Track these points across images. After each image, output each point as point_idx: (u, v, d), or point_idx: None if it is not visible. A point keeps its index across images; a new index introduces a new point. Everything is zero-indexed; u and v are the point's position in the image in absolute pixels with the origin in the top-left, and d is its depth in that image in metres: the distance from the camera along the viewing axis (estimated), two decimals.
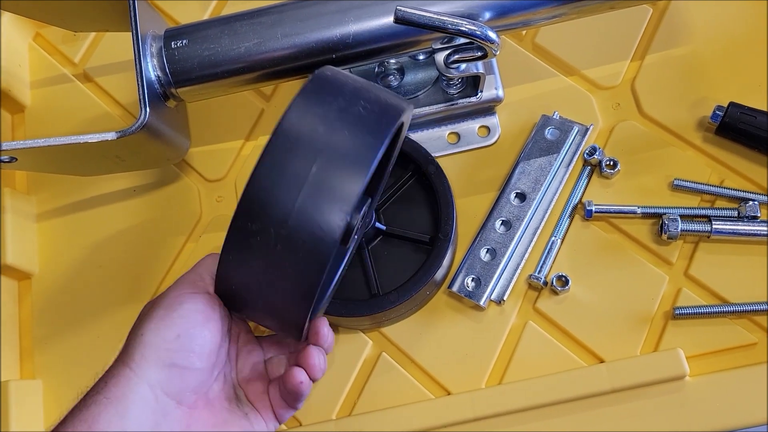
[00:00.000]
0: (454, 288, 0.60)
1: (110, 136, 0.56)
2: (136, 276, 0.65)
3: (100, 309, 0.65)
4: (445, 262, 0.58)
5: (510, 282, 0.60)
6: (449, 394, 0.58)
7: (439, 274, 0.58)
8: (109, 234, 0.67)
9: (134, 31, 0.57)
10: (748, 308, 0.57)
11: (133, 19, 0.57)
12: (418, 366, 0.60)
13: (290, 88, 0.66)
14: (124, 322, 0.63)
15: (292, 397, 0.44)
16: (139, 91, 0.57)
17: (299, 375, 0.43)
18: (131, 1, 0.58)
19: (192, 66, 0.58)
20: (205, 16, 0.74)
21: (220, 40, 0.58)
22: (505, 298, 0.60)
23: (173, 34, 0.59)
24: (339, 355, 0.61)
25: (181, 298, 0.40)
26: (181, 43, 0.58)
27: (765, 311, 0.57)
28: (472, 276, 0.60)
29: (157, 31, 0.60)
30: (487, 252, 0.61)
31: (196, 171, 0.69)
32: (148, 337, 0.38)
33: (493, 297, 0.60)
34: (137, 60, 0.57)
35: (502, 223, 0.62)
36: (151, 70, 0.58)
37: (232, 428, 0.41)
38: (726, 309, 0.57)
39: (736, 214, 0.60)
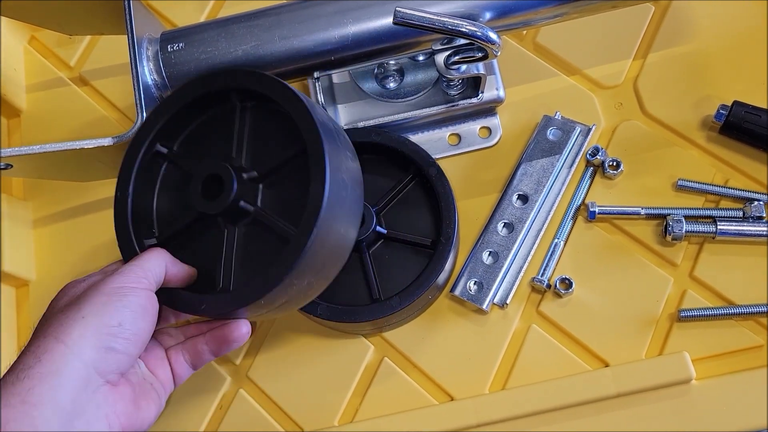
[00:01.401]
0: (457, 292, 0.59)
1: (107, 141, 0.55)
2: None
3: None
4: (447, 265, 0.57)
5: (513, 285, 0.59)
6: (452, 399, 0.57)
7: (441, 278, 0.58)
8: (107, 239, 0.67)
9: (130, 35, 0.56)
10: (754, 310, 0.56)
11: (128, 22, 0.56)
12: (421, 371, 0.59)
13: None
14: None
15: (224, 346, 0.48)
16: (135, 96, 0.56)
17: (244, 326, 0.48)
18: (126, 4, 0.57)
19: (189, 69, 0.57)
20: (202, 18, 0.73)
21: (217, 43, 0.57)
22: (508, 302, 0.59)
23: (169, 37, 0.58)
24: (341, 360, 0.60)
25: (126, 290, 0.43)
26: (178, 46, 0.57)
27: None
28: (475, 279, 0.59)
29: (153, 34, 0.59)
30: (489, 255, 0.60)
31: None
32: (90, 320, 0.40)
33: (496, 300, 0.59)
34: (133, 64, 0.56)
35: (504, 226, 0.61)
36: (148, 73, 0.57)
37: (145, 400, 0.45)
38: (732, 311, 0.57)
39: (741, 214, 0.59)
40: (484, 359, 0.58)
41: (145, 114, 0.55)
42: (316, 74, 0.59)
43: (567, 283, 0.59)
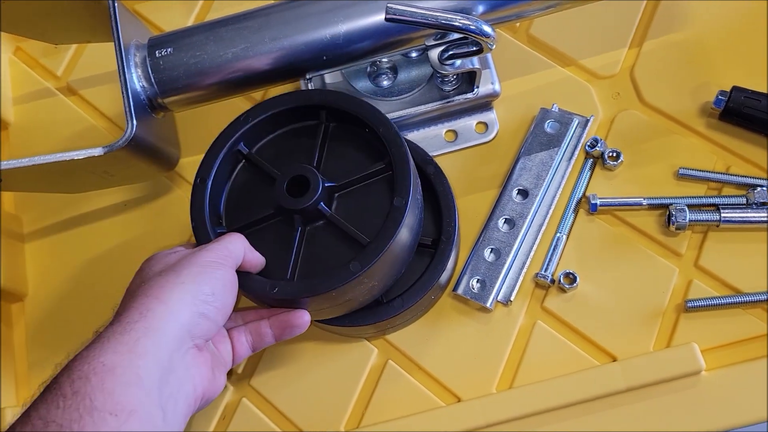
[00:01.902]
0: (460, 291, 0.58)
1: (97, 151, 0.54)
2: None
3: (93, 324, 0.63)
4: (449, 264, 0.56)
5: (516, 281, 0.59)
6: (459, 400, 0.57)
7: (444, 277, 0.57)
8: (101, 251, 0.66)
9: (117, 42, 0.55)
10: (762, 297, 0.56)
11: (114, 29, 0.55)
12: (426, 372, 0.58)
13: (280, 90, 0.64)
14: None
15: (288, 331, 0.52)
16: (124, 104, 0.55)
17: (306, 315, 0.51)
18: (112, 11, 0.56)
19: (178, 75, 0.56)
20: (189, 22, 0.72)
21: (206, 47, 0.56)
22: (512, 299, 0.58)
23: (157, 42, 0.57)
24: (344, 364, 0.59)
25: (216, 265, 0.46)
26: (166, 51, 0.56)
27: None
28: (477, 277, 0.59)
29: (141, 39, 0.58)
30: (491, 252, 0.59)
31: (188, 181, 0.67)
32: (188, 286, 0.44)
33: (499, 298, 0.58)
34: (121, 71, 0.55)
35: (505, 222, 0.60)
36: (136, 80, 0.56)
37: (218, 370, 0.49)
38: (739, 299, 0.56)
39: (744, 201, 0.58)
40: (490, 358, 0.57)
41: (135, 122, 0.54)
42: (308, 75, 0.58)
43: (571, 278, 0.58)
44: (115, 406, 0.38)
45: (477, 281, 0.59)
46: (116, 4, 0.56)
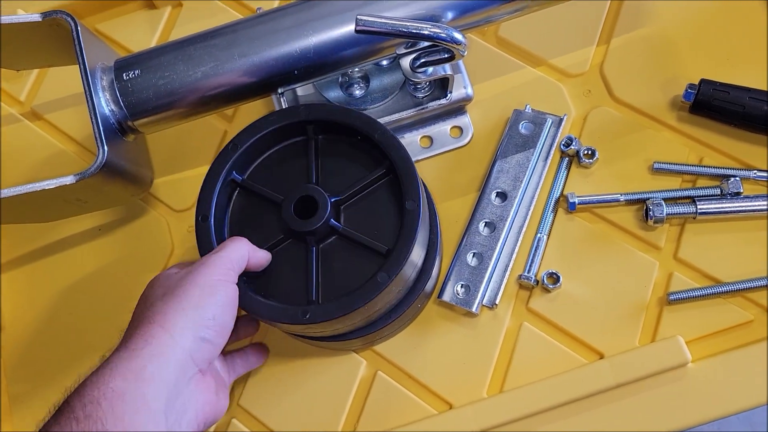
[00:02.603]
0: (445, 297, 0.58)
1: (68, 180, 0.53)
2: (110, 319, 0.62)
3: (76, 358, 0.62)
4: (434, 272, 0.56)
5: (501, 284, 0.59)
6: (451, 407, 0.57)
7: (429, 284, 0.56)
8: (78, 278, 0.64)
9: (82, 67, 0.54)
10: (741, 286, 0.56)
11: (79, 54, 0.54)
12: (417, 381, 0.58)
13: (252, 105, 0.63)
14: None
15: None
16: (94, 129, 0.54)
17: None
18: (75, 34, 0.54)
19: (147, 96, 0.55)
20: (154, 41, 0.70)
21: (174, 67, 0.55)
22: (497, 302, 0.58)
23: (124, 64, 0.56)
24: (333, 378, 0.59)
25: (217, 285, 0.47)
26: (134, 73, 0.55)
27: (758, 287, 0.56)
28: (461, 283, 0.59)
29: (107, 62, 0.57)
30: (473, 256, 0.59)
31: (162, 202, 0.66)
32: (189, 312, 0.45)
33: (484, 302, 0.58)
34: (88, 96, 0.54)
35: (485, 225, 0.60)
36: (105, 104, 0.55)
37: (222, 391, 0.50)
38: (719, 289, 0.57)
39: (718, 192, 0.59)
40: (479, 362, 0.57)
41: (106, 148, 0.53)
42: (279, 90, 0.57)
43: (554, 278, 0.59)
44: (125, 429, 0.40)
45: (461, 287, 0.59)
46: (79, 28, 0.54)
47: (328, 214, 0.50)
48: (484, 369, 0.57)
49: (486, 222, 0.60)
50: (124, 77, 0.55)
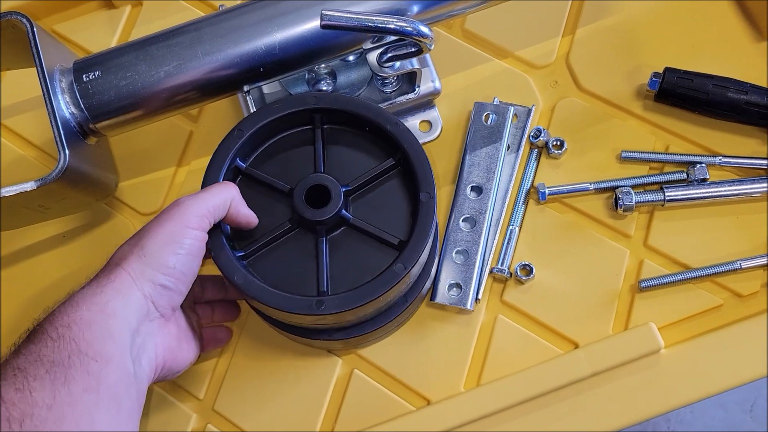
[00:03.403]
0: (438, 299, 0.57)
1: (29, 186, 0.51)
2: None
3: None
4: (432, 271, 0.56)
5: (483, 279, 0.58)
6: (429, 402, 0.56)
7: (426, 285, 0.56)
8: (43, 287, 0.62)
9: (40, 70, 0.52)
10: (710, 271, 0.57)
11: (36, 56, 0.52)
12: (393, 378, 0.58)
13: (218, 104, 0.62)
14: None
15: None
16: (54, 134, 0.52)
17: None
18: (31, 36, 0.53)
19: (109, 98, 0.54)
20: (114, 41, 0.69)
21: (136, 67, 0.54)
22: (479, 297, 0.58)
23: (83, 66, 0.54)
24: (309, 379, 0.58)
25: (184, 234, 0.47)
26: (94, 75, 0.54)
27: (726, 272, 0.57)
28: (451, 282, 0.58)
29: (65, 64, 0.55)
30: (458, 253, 0.59)
31: (128, 206, 0.64)
32: (149, 260, 0.46)
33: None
34: (47, 99, 0.52)
35: (464, 221, 0.60)
36: (65, 107, 0.53)
37: (187, 343, 0.51)
38: (689, 275, 0.57)
39: (684, 175, 0.60)
40: (456, 357, 0.57)
41: (67, 152, 0.51)
42: (245, 87, 0.56)
43: (527, 269, 0.59)
44: (95, 353, 0.42)
45: (453, 286, 0.58)
46: (35, 29, 0.53)
47: (341, 204, 0.50)
48: (461, 364, 0.57)
49: (465, 217, 0.60)
50: (84, 79, 0.54)
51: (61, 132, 0.52)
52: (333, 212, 0.50)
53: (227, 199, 0.49)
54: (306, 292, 0.50)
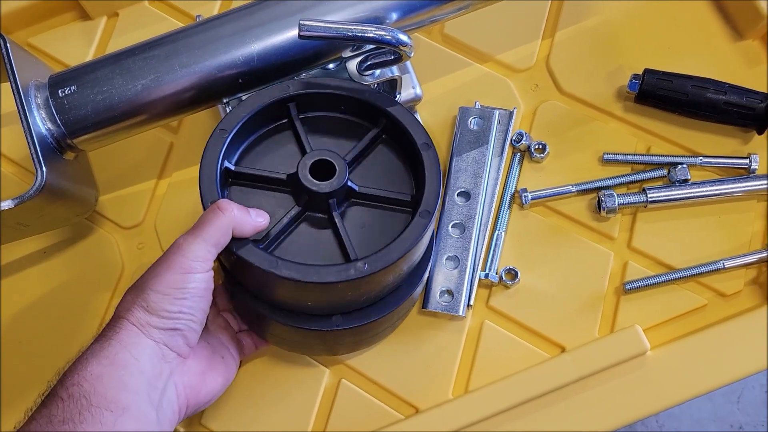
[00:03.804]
0: (430, 307, 0.57)
1: (6, 204, 0.50)
2: (63, 344, 0.60)
3: (27, 387, 0.59)
4: (425, 276, 0.55)
5: (474, 284, 0.58)
6: (418, 410, 0.56)
7: (417, 290, 0.55)
8: (25, 304, 0.62)
9: (14, 86, 0.51)
10: (694, 272, 0.58)
11: (10, 72, 0.51)
12: (382, 387, 0.57)
13: (198, 115, 0.61)
14: None
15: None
16: (30, 150, 0.51)
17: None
18: (5, 52, 0.52)
19: (86, 113, 0.53)
20: (90, 53, 0.68)
21: (112, 81, 0.53)
22: (471, 303, 0.58)
23: (59, 80, 0.54)
24: (296, 390, 0.58)
25: (188, 278, 0.46)
26: (70, 90, 0.53)
27: (710, 272, 0.57)
28: (443, 289, 0.58)
29: (41, 78, 0.54)
30: (449, 260, 0.59)
31: (109, 220, 0.64)
32: (153, 310, 0.45)
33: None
34: (22, 116, 0.51)
35: (454, 227, 0.59)
36: (41, 123, 0.53)
37: (213, 372, 0.50)
38: (673, 276, 0.58)
39: (665, 172, 0.60)
40: (443, 364, 0.57)
41: (45, 169, 0.51)
42: (225, 99, 0.56)
43: (513, 274, 0.59)
44: (108, 404, 0.42)
45: (445, 293, 0.58)
46: (8, 45, 0.52)
47: (347, 172, 0.50)
48: (449, 371, 0.57)
49: (454, 223, 0.60)
50: (60, 94, 0.53)
51: (38, 148, 0.51)
52: (344, 181, 0.50)
53: (228, 226, 0.46)
54: (342, 260, 0.50)
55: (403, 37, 0.51)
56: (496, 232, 0.60)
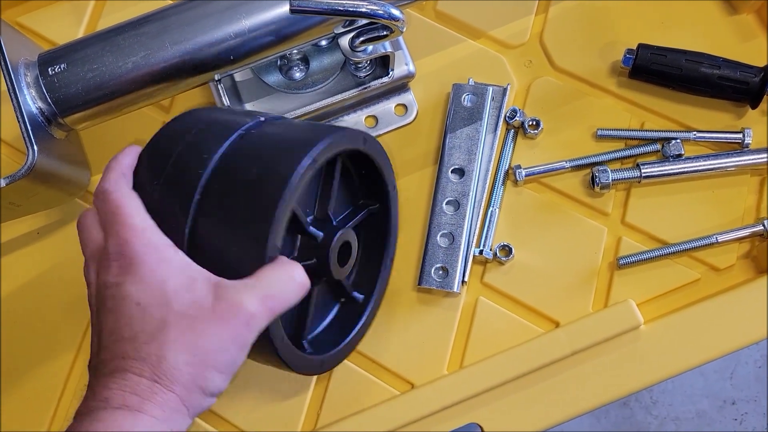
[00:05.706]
0: (424, 284, 0.58)
1: None
2: (58, 327, 0.60)
3: (21, 372, 0.59)
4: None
5: (468, 261, 0.58)
6: (413, 386, 0.57)
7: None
8: (18, 285, 0.62)
9: (3, 64, 0.51)
10: (687, 246, 0.58)
11: None
12: (377, 363, 0.58)
13: (190, 93, 0.61)
14: (57, 375, 0.58)
15: None
16: (21, 129, 0.51)
17: None
18: None
19: (76, 91, 0.53)
20: (81, 30, 0.67)
21: (102, 59, 0.52)
22: (466, 279, 0.58)
23: (48, 58, 0.53)
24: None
25: (246, 352, 0.41)
26: (60, 67, 0.52)
27: (703, 246, 0.58)
28: (437, 266, 0.58)
29: (30, 57, 0.54)
30: (443, 236, 0.59)
31: None
32: (212, 388, 0.40)
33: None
34: (12, 95, 0.51)
35: (448, 204, 0.59)
36: (31, 102, 0.52)
37: None
38: (666, 251, 0.58)
39: (659, 147, 0.60)
40: (438, 340, 0.58)
41: (36, 148, 0.50)
42: (216, 76, 0.55)
43: (507, 250, 0.59)
44: None
45: (439, 269, 0.58)
46: None
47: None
48: (443, 347, 0.58)
49: (449, 200, 0.60)
50: (50, 72, 0.52)
51: (29, 127, 0.51)
52: (354, 267, 0.54)
53: (296, 301, 0.42)
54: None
55: (396, 12, 0.51)
56: (490, 208, 0.60)
